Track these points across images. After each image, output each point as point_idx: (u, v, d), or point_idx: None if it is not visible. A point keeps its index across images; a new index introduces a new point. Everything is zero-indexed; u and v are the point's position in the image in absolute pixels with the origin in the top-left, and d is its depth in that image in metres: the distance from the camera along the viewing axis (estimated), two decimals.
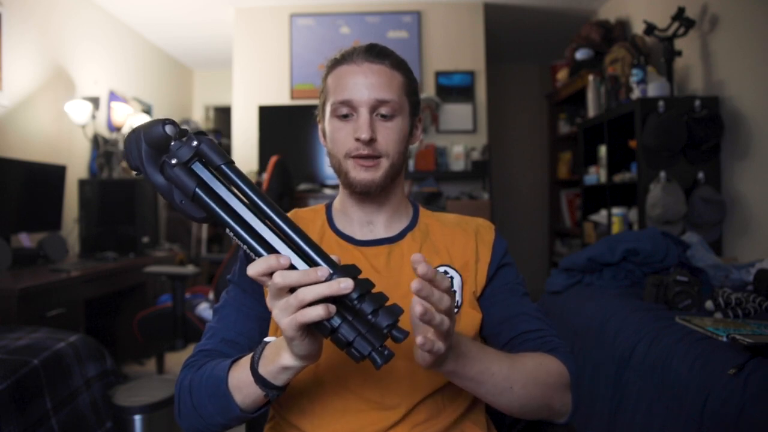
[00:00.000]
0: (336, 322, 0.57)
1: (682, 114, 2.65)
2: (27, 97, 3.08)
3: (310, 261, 0.61)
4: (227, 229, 0.62)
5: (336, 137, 0.84)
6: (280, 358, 0.65)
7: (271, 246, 0.62)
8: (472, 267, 0.88)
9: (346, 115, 0.83)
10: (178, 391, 0.79)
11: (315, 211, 0.94)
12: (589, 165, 3.62)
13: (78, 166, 3.58)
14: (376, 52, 0.84)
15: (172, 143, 0.63)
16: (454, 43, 4.10)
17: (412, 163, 3.84)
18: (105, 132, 3.86)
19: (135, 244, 3.30)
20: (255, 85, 4.12)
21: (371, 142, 0.82)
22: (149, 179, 0.64)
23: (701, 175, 2.69)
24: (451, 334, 0.61)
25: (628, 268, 2.19)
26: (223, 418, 0.74)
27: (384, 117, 0.83)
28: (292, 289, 0.59)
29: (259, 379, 0.67)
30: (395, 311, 0.58)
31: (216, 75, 5.68)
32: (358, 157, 0.83)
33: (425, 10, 4.09)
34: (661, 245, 2.11)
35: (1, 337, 1.77)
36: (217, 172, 0.64)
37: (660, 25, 2.91)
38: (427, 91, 4.05)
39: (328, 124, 0.86)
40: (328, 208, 0.94)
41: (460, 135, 4.07)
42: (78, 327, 2.44)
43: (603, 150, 3.36)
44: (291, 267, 0.60)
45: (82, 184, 3.31)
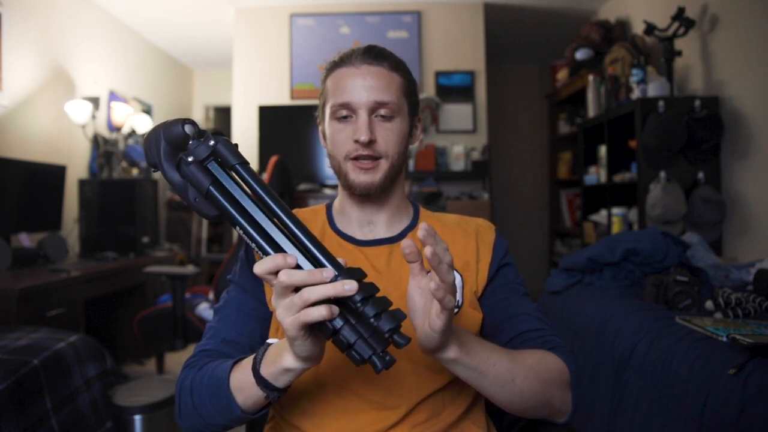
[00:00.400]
0: (338, 324, 0.57)
1: (682, 114, 2.65)
2: (27, 97, 3.08)
3: (316, 262, 0.61)
4: (237, 228, 0.63)
5: (336, 139, 0.84)
6: (282, 360, 0.65)
7: (279, 246, 0.62)
8: (473, 267, 0.88)
9: (346, 117, 0.83)
10: (179, 391, 0.79)
11: (315, 212, 0.94)
12: (589, 165, 3.63)
13: (78, 166, 3.58)
14: (374, 54, 0.84)
15: (190, 142, 0.64)
16: (454, 43, 4.10)
17: (412, 163, 3.84)
18: (105, 132, 3.86)
19: (135, 244, 3.30)
20: (255, 85, 4.12)
21: (371, 143, 0.82)
22: (165, 176, 0.65)
23: (701, 175, 2.69)
24: (452, 313, 0.61)
25: (628, 268, 2.19)
26: (223, 419, 0.74)
27: (383, 117, 0.83)
28: (297, 289, 0.59)
29: (261, 381, 0.67)
30: (398, 316, 0.58)
31: (216, 75, 5.68)
32: (357, 158, 0.83)
33: (425, 10, 4.09)
34: (661, 245, 2.11)
35: (1, 337, 1.77)
36: (231, 172, 0.65)
37: (660, 25, 2.91)
38: (427, 91, 4.05)
39: (328, 127, 0.86)
40: (329, 208, 0.94)
41: (460, 135, 4.07)
42: (78, 327, 2.44)
43: (603, 150, 3.36)
44: (297, 267, 0.60)
45: (82, 184, 3.32)
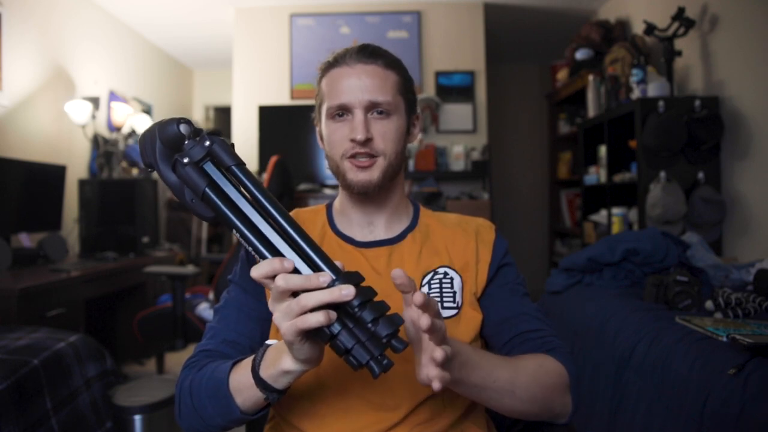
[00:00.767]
0: (336, 329, 0.57)
1: (682, 114, 2.65)
2: (27, 97, 3.08)
3: (314, 266, 0.60)
4: (233, 230, 0.62)
5: (332, 139, 0.84)
6: (281, 362, 0.65)
7: (276, 249, 0.61)
8: (473, 267, 0.88)
9: (342, 115, 0.83)
10: (179, 391, 0.79)
11: (315, 212, 0.94)
12: (589, 165, 3.62)
13: (78, 166, 3.58)
14: (368, 53, 0.84)
15: (186, 142, 0.63)
16: (454, 43, 4.10)
17: (412, 163, 3.84)
18: (105, 132, 3.86)
19: (135, 244, 3.30)
20: (255, 85, 4.12)
21: (367, 141, 0.81)
22: (162, 176, 0.64)
23: (701, 175, 2.69)
24: (446, 336, 0.61)
25: (628, 268, 2.19)
26: (223, 420, 0.74)
27: (380, 115, 0.83)
28: (295, 293, 0.58)
29: (260, 382, 0.67)
30: (396, 321, 0.57)
31: (216, 75, 5.68)
32: (354, 156, 0.83)
33: (425, 10, 4.09)
34: (661, 245, 2.11)
35: (1, 337, 1.76)
36: (227, 173, 0.64)
37: (660, 25, 2.91)
38: (427, 91, 4.05)
39: (325, 127, 0.86)
40: (329, 208, 0.94)
41: (460, 135, 4.06)
42: (78, 327, 2.43)
43: (603, 150, 3.36)
44: (295, 271, 0.59)
45: (82, 184, 3.31)
